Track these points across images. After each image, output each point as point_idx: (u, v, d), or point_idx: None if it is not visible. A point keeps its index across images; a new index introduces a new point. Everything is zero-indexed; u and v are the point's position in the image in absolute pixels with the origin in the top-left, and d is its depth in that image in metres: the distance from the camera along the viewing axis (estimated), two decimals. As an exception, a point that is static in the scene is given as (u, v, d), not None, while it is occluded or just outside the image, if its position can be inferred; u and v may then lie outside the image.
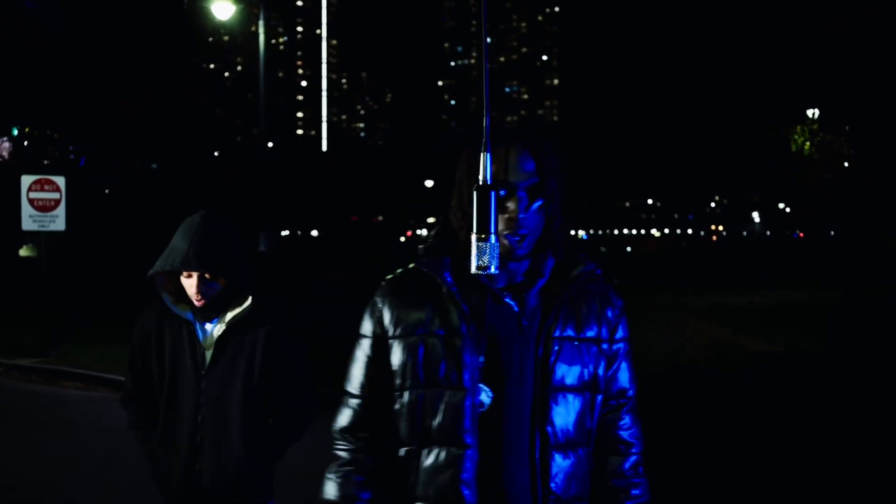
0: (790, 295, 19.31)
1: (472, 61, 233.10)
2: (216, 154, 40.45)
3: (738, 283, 23.00)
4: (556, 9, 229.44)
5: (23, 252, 30.64)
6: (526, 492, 1.68)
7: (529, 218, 1.68)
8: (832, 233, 28.69)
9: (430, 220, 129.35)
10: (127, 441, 6.77)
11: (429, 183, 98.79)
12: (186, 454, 2.60)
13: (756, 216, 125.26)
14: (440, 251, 1.76)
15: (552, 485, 1.68)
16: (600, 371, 1.76)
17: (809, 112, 18.34)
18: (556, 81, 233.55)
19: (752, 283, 23.17)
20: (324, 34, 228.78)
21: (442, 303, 1.71)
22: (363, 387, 1.78)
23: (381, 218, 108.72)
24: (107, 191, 34.14)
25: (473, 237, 1.57)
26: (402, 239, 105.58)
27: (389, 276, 1.81)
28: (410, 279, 1.77)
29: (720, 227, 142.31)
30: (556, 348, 1.70)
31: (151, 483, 2.71)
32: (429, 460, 1.69)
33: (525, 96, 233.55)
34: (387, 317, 1.75)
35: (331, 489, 1.79)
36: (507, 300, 1.71)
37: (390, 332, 1.74)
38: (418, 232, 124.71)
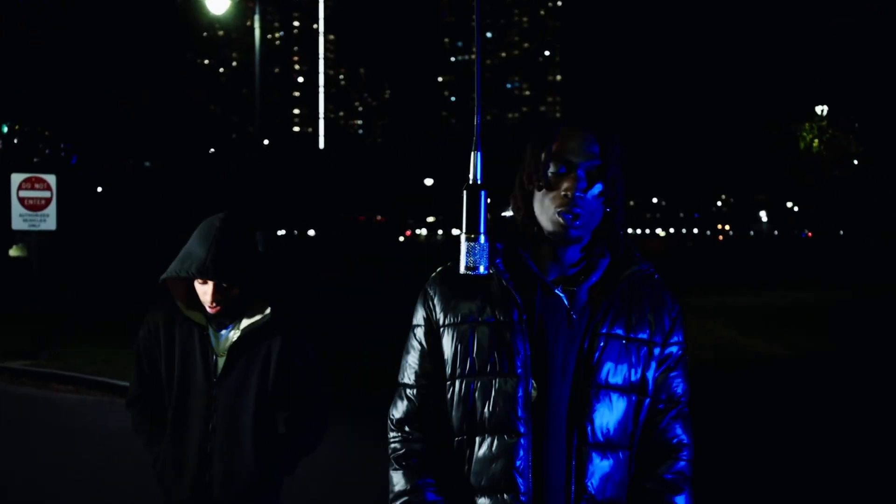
0: (797, 295, 19.37)
1: (473, 57, 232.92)
2: (211, 151, 40.08)
3: (744, 283, 22.89)
4: (559, 3, 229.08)
5: (13, 252, 30.31)
6: (561, 489, 1.67)
7: (586, 201, 1.67)
8: (841, 232, 28.38)
9: (430, 219, 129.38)
10: (120, 445, 6.71)
11: (428, 181, 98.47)
12: (196, 462, 2.55)
13: (763, 215, 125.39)
14: (494, 238, 1.75)
15: (587, 484, 1.67)
16: (649, 374, 1.73)
17: (818, 109, 17.98)
18: (558, 77, 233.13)
19: (759, 283, 23.08)
20: (321, 29, 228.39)
21: (493, 291, 1.72)
22: (417, 377, 1.79)
23: (380, 218, 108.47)
24: (99, 189, 33.78)
25: (462, 237, 1.61)
26: (402, 238, 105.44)
27: (441, 266, 1.83)
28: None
29: (727, 227, 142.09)
30: (602, 345, 1.69)
31: (145, 487, 2.64)
32: (482, 450, 1.69)
33: (527, 92, 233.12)
34: (438, 306, 1.76)
35: (399, 481, 1.76)
36: (557, 292, 1.71)
37: (441, 321, 1.75)
38: (417, 231, 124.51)
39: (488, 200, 1.65)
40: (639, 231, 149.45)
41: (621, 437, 1.71)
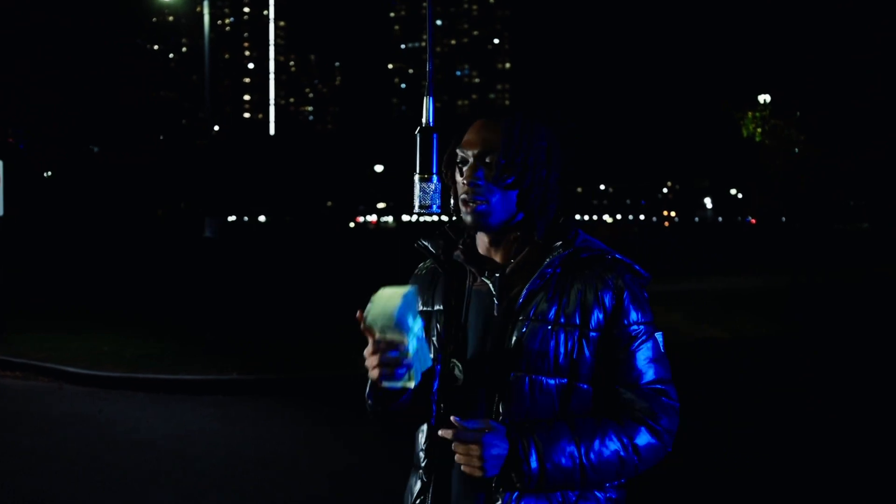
0: (741, 281, 19.63)
1: (423, 44, 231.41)
2: (161, 138, 39.38)
3: (688, 269, 23.21)
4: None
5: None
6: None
7: (486, 187, 1.70)
8: (783, 219, 29.01)
9: (381, 205, 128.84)
10: (67, 431, 6.63)
11: (378, 168, 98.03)
12: None
13: (708, 202, 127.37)
14: (444, 233, 1.85)
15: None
16: (584, 359, 1.67)
17: (761, 98, 18.28)
18: (507, 65, 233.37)
19: (703, 269, 23.38)
20: (271, 15, 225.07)
21: (437, 282, 1.82)
22: None
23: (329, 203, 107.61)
24: (47, 174, 32.98)
25: (416, 177, 1.71)
26: (352, 225, 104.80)
27: (421, 262, 1.92)
28: (431, 261, 1.88)
29: (673, 213, 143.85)
30: (524, 330, 1.67)
31: (91, 473, 2.40)
32: (419, 430, 1.81)
33: (476, 80, 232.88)
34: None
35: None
36: (483, 279, 1.75)
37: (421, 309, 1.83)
38: (368, 218, 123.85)
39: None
40: (587, 217, 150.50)
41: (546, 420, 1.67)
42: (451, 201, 1.80)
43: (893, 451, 5.99)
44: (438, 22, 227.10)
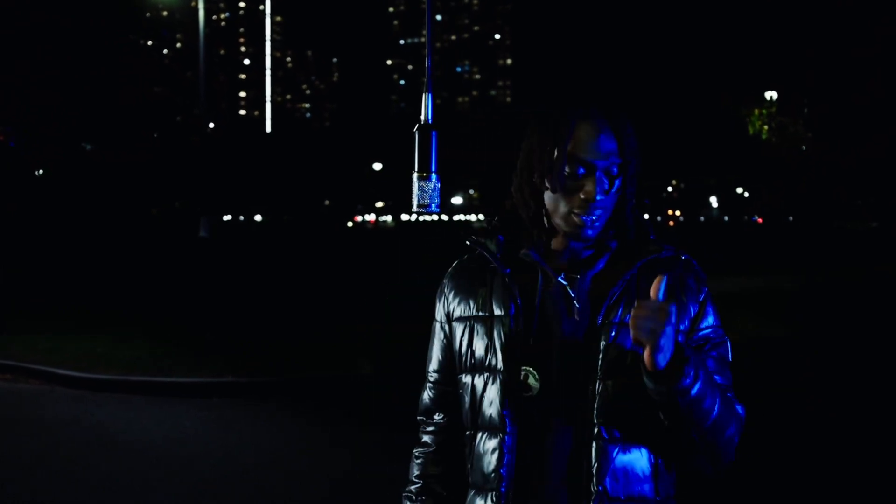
0: (747, 281, 19.55)
1: (423, 40, 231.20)
2: (155, 135, 39.26)
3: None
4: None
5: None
6: (564, 487, 1.58)
7: (605, 200, 1.60)
8: (790, 218, 28.84)
9: (379, 204, 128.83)
10: (58, 436, 6.55)
11: (377, 166, 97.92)
12: None
13: (714, 201, 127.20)
14: (495, 231, 1.73)
15: (604, 482, 1.57)
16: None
17: (767, 95, 18.20)
18: (508, 61, 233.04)
19: (708, 269, 23.32)
20: (267, 10, 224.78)
21: (492, 283, 1.69)
22: (437, 370, 1.80)
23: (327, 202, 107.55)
24: (38, 172, 32.87)
25: (414, 175, 1.62)
26: (350, 224, 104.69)
27: (457, 260, 1.81)
28: (473, 261, 1.76)
29: (678, 212, 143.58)
30: (613, 334, 1.58)
31: (81, 479, 2.37)
32: (478, 446, 1.66)
33: (477, 76, 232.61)
34: (450, 300, 1.76)
35: (410, 471, 1.81)
36: (559, 280, 1.64)
37: (453, 314, 1.75)
38: (366, 217, 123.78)
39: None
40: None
41: (640, 430, 1.60)
42: (528, 202, 1.67)
43: (893, 451, 5.96)
44: (438, 17, 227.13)
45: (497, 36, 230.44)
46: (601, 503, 1.55)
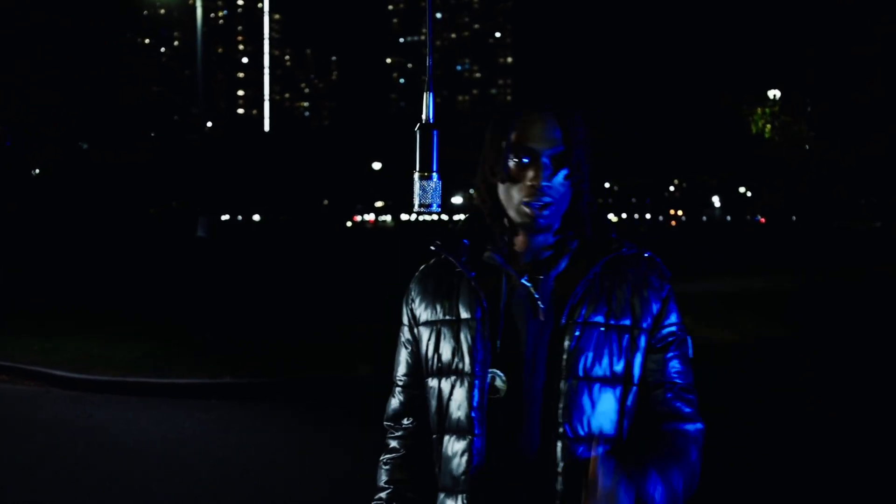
0: (750, 281, 19.50)
1: (423, 38, 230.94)
2: (153, 135, 39.24)
3: (696, 268, 23.14)
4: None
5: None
6: (536, 487, 1.59)
7: (552, 188, 1.63)
8: (793, 218, 28.81)
9: (379, 204, 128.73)
10: (55, 438, 6.53)
11: (377, 165, 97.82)
12: None
13: (716, 200, 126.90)
14: (461, 234, 1.74)
15: (560, 479, 1.57)
16: (636, 362, 1.65)
17: (770, 94, 18.18)
18: (509, 60, 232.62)
19: (711, 269, 23.22)
20: (266, 8, 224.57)
21: (458, 287, 1.70)
22: (404, 375, 1.80)
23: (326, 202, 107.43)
24: (35, 172, 32.84)
25: (416, 175, 1.63)
26: (349, 224, 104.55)
27: (424, 264, 1.81)
28: (439, 265, 1.76)
29: (679, 212, 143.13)
30: (578, 334, 1.61)
31: (78, 481, 2.37)
32: (446, 449, 1.67)
33: (477, 75, 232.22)
34: (416, 304, 1.76)
35: (378, 478, 1.81)
36: (523, 281, 1.65)
37: (419, 320, 1.75)
38: (366, 217, 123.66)
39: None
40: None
41: (606, 429, 1.63)
42: (484, 197, 1.70)
43: (893, 451, 5.96)
44: (438, 15, 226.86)
45: (497, 34, 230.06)
46: (567, 501, 1.56)
